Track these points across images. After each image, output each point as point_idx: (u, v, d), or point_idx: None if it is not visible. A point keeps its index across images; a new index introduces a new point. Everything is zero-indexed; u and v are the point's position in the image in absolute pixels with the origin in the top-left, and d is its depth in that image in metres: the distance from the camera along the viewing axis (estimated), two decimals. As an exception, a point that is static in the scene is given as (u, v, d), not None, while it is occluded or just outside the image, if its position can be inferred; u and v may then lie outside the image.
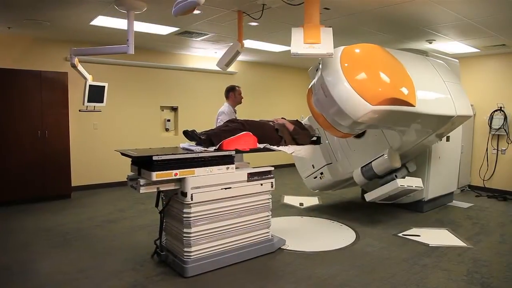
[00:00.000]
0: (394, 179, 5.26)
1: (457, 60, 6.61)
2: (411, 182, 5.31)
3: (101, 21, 5.85)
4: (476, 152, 8.39)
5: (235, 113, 5.65)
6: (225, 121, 4.85)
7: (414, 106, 4.47)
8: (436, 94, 5.11)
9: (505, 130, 7.87)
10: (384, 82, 4.34)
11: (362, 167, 5.47)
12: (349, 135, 4.97)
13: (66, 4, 5.06)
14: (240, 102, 5.75)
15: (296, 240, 4.95)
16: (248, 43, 7.35)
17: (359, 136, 5.99)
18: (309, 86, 4.80)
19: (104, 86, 6.81)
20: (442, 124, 5.24)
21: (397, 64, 4.67)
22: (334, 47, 4.15)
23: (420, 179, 5.52)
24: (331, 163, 6.21)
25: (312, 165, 6.37)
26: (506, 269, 4.18)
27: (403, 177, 5.38)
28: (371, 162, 5.38)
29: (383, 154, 5.27)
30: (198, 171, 3.87)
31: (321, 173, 6.27)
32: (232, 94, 5.65)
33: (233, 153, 4.14)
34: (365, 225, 5.66)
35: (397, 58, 4.77)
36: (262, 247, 4.42)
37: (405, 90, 4.41)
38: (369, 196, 5.51)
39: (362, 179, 5.48)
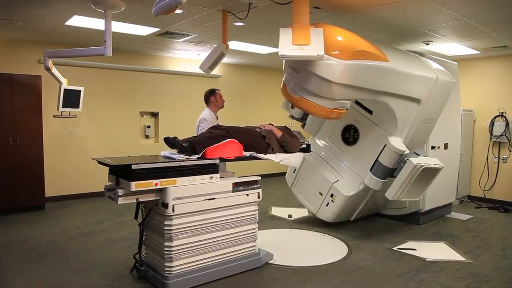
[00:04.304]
0: (407, 161, 5.08)
1: (455, 63, 6.73)
2: (428, 161, 5.11)
3: (76, 21, 5.86)
4: (476, 161, 8.45)
5: (217, 119, 5.66)
6: (207, 129, 4.87)
7: (388, 62, 4.83)
8: (409, 60, 5.59)
9: (507, 137, 7.92)
10: (350, 40, 4.70)
11: (370, 169, 5.42)
12: (336, 113, 4.93)
13: (40, 3, 5.07)
14: (222, 107, 5.75)
15: (284, 254, 4.97)
16: (233, 45, 7.42)
17: (354, 142, 6.05)
18: (282, 81, 5.12)
19: (80, 90, 6.82)
20: (426, 90, 5.41)
21: (358, 36, 4.89)
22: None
23: (436, 158, 5.37)
24: (338, 180, 6.04)
25: (319, 192, 6.18)
26: (507, 285, 4.23)
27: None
28: (377, 159, 5.36)
29: (385, 145, 5.28)
30: (180, 180, 3.89)
31: (332, 195, 6.01)
32: (213, 98, 5.64)
33: (217, 161, 4.16)
34: (357, 238, 5.71)
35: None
36: (248, 261, 4.45)
37: (373, 48, 4.80)
38: (390, 193, 5.16)
39: (376, 181, 5.34)
